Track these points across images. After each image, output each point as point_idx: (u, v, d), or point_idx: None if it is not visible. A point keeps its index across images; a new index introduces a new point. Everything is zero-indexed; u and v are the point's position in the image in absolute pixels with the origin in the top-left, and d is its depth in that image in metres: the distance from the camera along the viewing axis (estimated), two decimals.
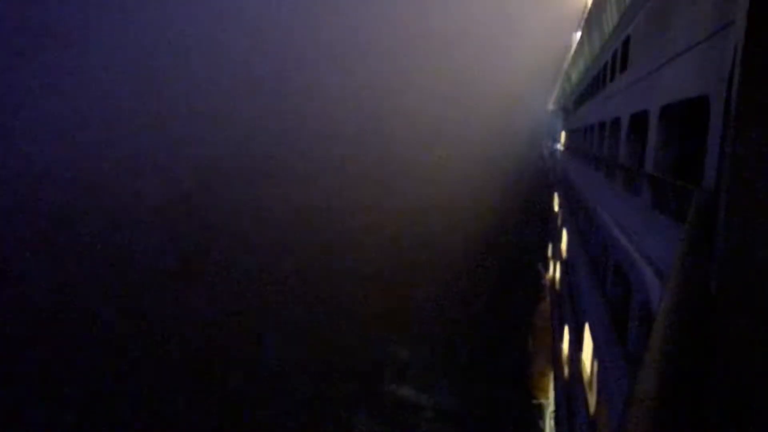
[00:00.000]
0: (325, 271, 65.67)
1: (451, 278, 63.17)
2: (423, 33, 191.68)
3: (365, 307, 54.55)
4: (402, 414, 39.39)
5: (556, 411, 29.29)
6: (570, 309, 26.38)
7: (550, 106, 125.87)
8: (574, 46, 52.51)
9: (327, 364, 43.37)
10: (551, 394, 32.89)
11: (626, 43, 20.36)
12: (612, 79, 24.59)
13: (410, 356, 46.83)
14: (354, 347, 45.97)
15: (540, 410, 35.37)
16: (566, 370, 25.40)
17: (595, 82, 33.47)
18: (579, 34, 47.03)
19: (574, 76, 55.52)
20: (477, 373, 42.84)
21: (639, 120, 16.53)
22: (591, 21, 35.02)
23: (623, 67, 20.95)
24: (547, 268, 54.28)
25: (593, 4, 33.27)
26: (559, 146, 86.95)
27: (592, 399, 16.64)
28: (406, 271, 65.43)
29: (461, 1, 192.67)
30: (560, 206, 49.00)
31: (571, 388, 22.06)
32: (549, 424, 32.98)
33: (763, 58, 3.82)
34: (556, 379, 30.36)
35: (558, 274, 39.92)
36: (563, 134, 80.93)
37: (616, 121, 21.62)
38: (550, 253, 54.00)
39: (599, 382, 14.99)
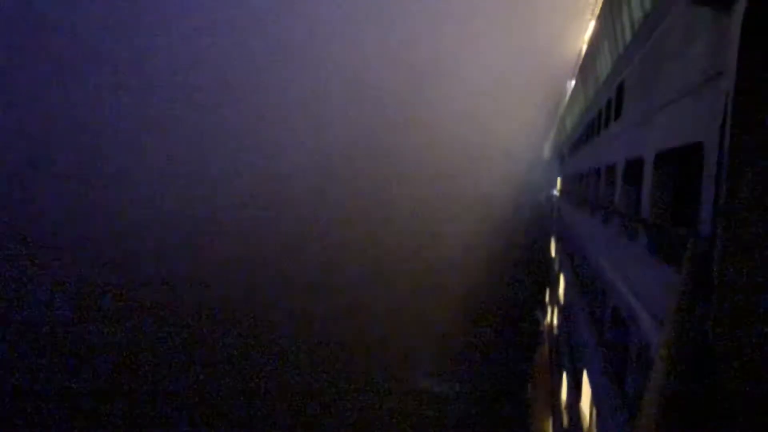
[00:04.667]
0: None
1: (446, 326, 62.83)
2: (421, 84, 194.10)
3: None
4: None
5: None
6: (568, 355, 26.16)
7: (546, 152, 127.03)
8: (569, 93, 53.30)
9: None
10: None
11: (620, 90, 20.62)
12: (606, 125, 24.81)
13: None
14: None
15: None
16: (565, 417, 25.05)
17: (589, 129, 33.78)
18: (573, 81, 47.78)
19: (569, 123, 56.14)
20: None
21: (634, 166, 16.64)
22: (585, 69, 35.56)
23: (617, 114, 21.16)
24: (545, 314, 54.00)
25: (587, 52, 33.87)
26: (556, 192, 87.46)
27: None
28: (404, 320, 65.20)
29: (458, 49, 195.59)
30: (557, 251, 49.03)
31: None
32: None
33: (752, 107, 3.90)
34: (554, 425, 29.92)
35: (556, 320, 39.70)
36: (559, 180, 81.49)
37: (611, 167, 21.77)
38: (547, 298, 53.79)
39: (598, 429, 14.78)
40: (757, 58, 3.92)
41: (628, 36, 19.67)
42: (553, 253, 57.02)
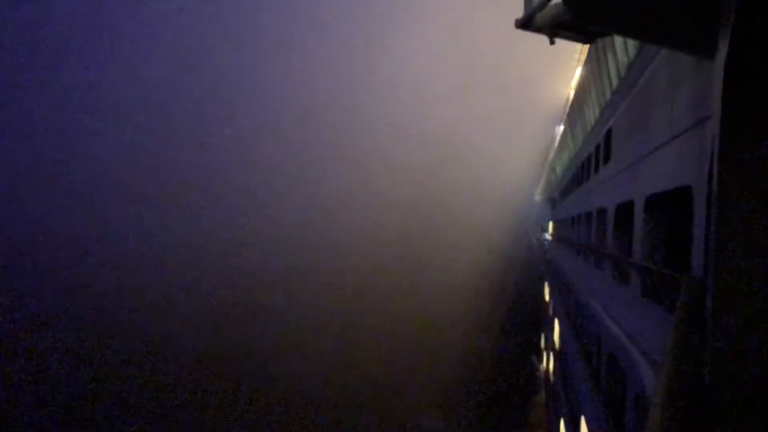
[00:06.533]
0: None
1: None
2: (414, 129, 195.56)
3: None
4: None
5: None
6: (565, 401, 25.84)
7: (537, 197, 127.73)
8: (558, 138, 53.79)
9: None
10: None
11: (608, 135, 20.86)
12: (596, 170, 25.02)
13: None
14: None
15: None
16: None
17: (580, 173, 33.99)
18: (562, 127, 48.29)
19: (559, 168, 56.59)
20: None
21: (624, 209, 16.75)
22: (573, 114, 35.98)
23: (606, 159, 21.35)
24: (540, 360, 53.51)
25: (575, 98, 34.34)
26: (548, 236, 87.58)
27: None
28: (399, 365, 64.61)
29: (444, 95, 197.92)
30: (551, 296, 48.86)
31: None
32: None
33: (739, 150, 3.98)
34: None
35: (552, 365, 39.32)
36: (551, 224, 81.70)
37: (602, 211, 21.89)
38: (543, 343, 53.37)
39: None
40: (741, 101, 4.01)
41: (615, 82, 20.02)
42: (547, 298, 56.83)
